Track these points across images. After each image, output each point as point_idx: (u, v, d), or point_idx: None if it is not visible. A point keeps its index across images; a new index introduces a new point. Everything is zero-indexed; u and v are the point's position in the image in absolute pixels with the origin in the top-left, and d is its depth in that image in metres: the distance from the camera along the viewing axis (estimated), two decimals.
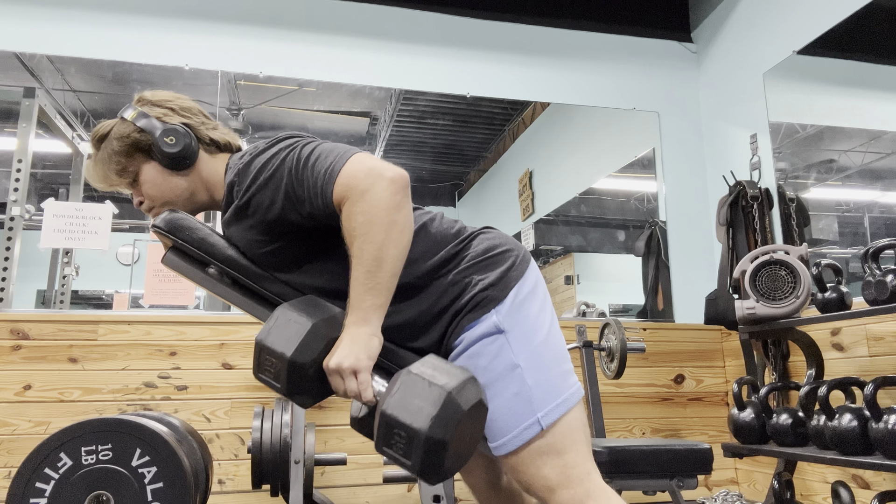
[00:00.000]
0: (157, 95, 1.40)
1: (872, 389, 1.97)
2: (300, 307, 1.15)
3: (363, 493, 2.92)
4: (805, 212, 3.06)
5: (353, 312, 1.12)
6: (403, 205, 1.14)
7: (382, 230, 1.11)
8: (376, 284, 1.12)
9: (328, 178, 1.14)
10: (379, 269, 1.11)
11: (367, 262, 1.11)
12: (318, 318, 1.13)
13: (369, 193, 1.11)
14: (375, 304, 1.12)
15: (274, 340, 1.11)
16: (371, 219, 1.11)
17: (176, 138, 1.34)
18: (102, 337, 2.81)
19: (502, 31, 3.67)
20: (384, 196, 1.11)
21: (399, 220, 1.12)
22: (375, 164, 1.15)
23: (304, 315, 1.13)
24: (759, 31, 3.36)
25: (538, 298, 1.26)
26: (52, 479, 1.77)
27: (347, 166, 1.14)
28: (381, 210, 1.11)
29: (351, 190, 1.12)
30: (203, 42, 3.26)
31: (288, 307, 1.15)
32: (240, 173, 1.23)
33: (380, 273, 1.11)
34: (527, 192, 4.37)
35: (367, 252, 1.11)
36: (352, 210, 1.12)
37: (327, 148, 1.19)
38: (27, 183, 2.93)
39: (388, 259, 1.11)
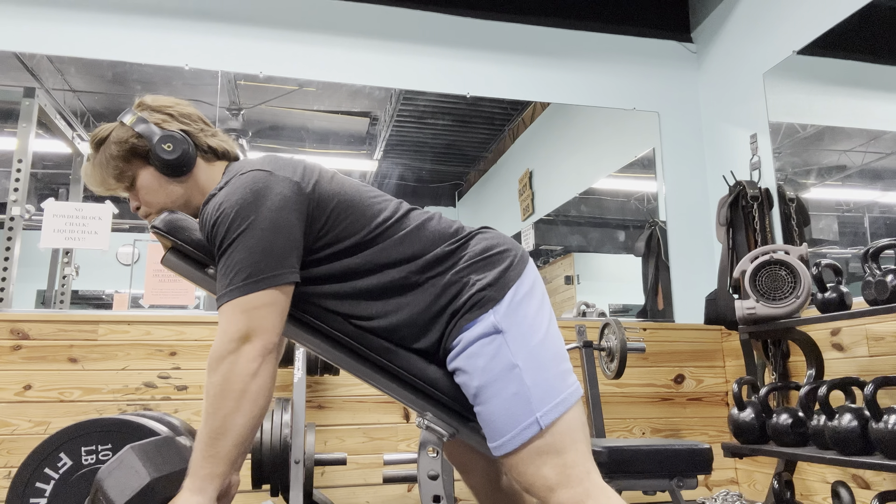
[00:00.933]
0: (158, 101, 1.40)
1: (872, 389, 1.97)
2: (148, 455, 1.18)
3: (363, 493, 2.92)
4: (805, 212, 3.06)
5: (190, 477, 1.13)
6: (262, 371, 1.14)
7: (232, 400, 1.11)
8: (216, 453, 1.12)
9: (219, 295, 1.16)
10: (222, 437, 1.11)
11: (211, 429, 1.12)
12: (157, 475, 1.15)
13: (225, 362, 1.12)
14: (213, 474, 1.12)
15: (110, 485, 1.13)
16: (224, 388, 1.12)
17: (174, 145, 1.34)
18: (102, 337, 2.81)
19: (502, 31, 3.67)
20: (243, 364, 1.12)
21: (252, 388, 1.12)
22: (248, 322, 1.14)
23: (147, 467, 1.15)
24: (759, 31, 3.36)
25: (536, 298, 1.26)
26: (52, 479, 1.77)
27: (228, 308, 1.15)
28: (238, 379, 1.12)
29: (216, 347, 1.13)
30: (203, 42, 3.26)
31: (136, 450, 1.18)
32: (214, 215, 1.23)
33: (221, 442, 1.12)
34: (527, 192, 4.37)
35: (213, 419, 1.12)
36: (210, 369, 1.14)
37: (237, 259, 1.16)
38: (27, 183, 2.93)
39: (233, 429, 1.12)
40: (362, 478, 2.94)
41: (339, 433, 2.95)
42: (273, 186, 1.20)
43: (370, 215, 1.27)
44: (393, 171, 4.35)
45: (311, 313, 1.28)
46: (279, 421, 2.40)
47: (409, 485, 2.97)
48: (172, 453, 1.19)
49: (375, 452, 2.96)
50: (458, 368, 1.22)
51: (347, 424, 2.96)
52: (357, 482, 2.93)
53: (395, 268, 1.25)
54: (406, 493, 2.98)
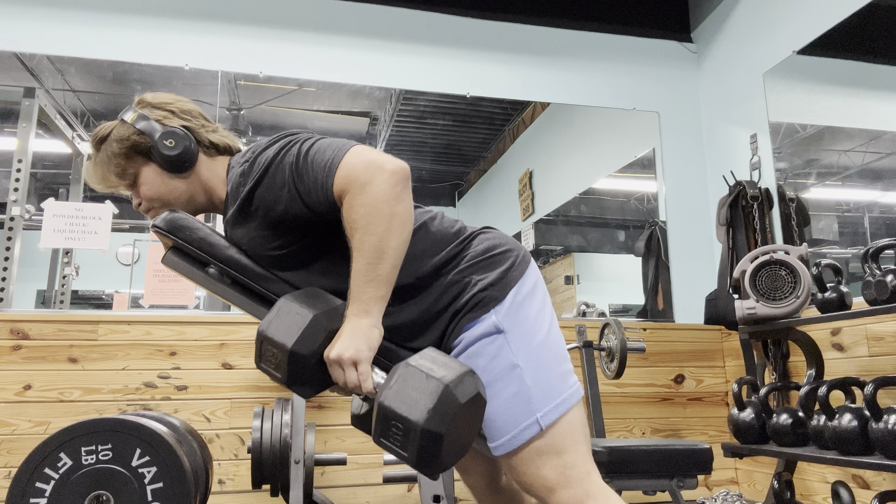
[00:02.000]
0: (158, 98, 1.40)
1: (872, 389, 1.97)
2: (302, 298, 1.16)
3: (363, 493, 2.93)
4: (805, 212, 3.06)
5: (354, 304, 1.13)
6: (404, 196, 1.14)
7: (383, 221, 1.11)
8: (377, 276, 1.12)
9: (328, 171, 1.15)
10: (380, 260, 1.11)
11: (368, 253, 1.11)
12: (319, 310, 1.13)
13: (370, 185, 1.11)
14: (376, 296, 1.12)
15: (275, 331, 1.11)
16: (372, 210, 1.11)
17: (175, 141, 1.34)
18: (102, 337, 2.81)
19: (502, 31, 3.67)
20: (384, 188, 1.11)
21: (400, 211, 1.12)
22: (375, 156, 1.15)
23: (306, 306, 1.13)
24: (759, 31, 3.36)
25: (538, 299, 1.26)
26: (52, 479, 1.77)
27: (347, 158, 1.14)
28: (382, 202, 1.11)
29: (351, 182, 1.12)
30: (203, 42, 3.26)
31: (290, 298, 1.16)
32: (243, 173, 1.23)
33: (381, 264, 1.11)
34: (527, 192, 4.37)
35: (368, 243, 1.11)
36: (353, 202, 1.12)
37: (327, 142, 1.20)
38: (27, 183, 2.93)
39: (389, 250, 1.12)
40: (362, 478, 2.94)
41: (339, 433, 2.95)
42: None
43: None
44: None
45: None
46: (279, 421, 2.40)
47: (409, 485, 2.97)
48: (323, 297, 1.18)
49: (375, 452, 2.96)
50: None
51: (347, 424, 2.96)
52: (357, 482, 2.93)
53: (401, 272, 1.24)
54: (406, 493, 2.98)
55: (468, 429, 1.10)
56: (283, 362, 1.10)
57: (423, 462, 1.03)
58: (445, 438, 1.03)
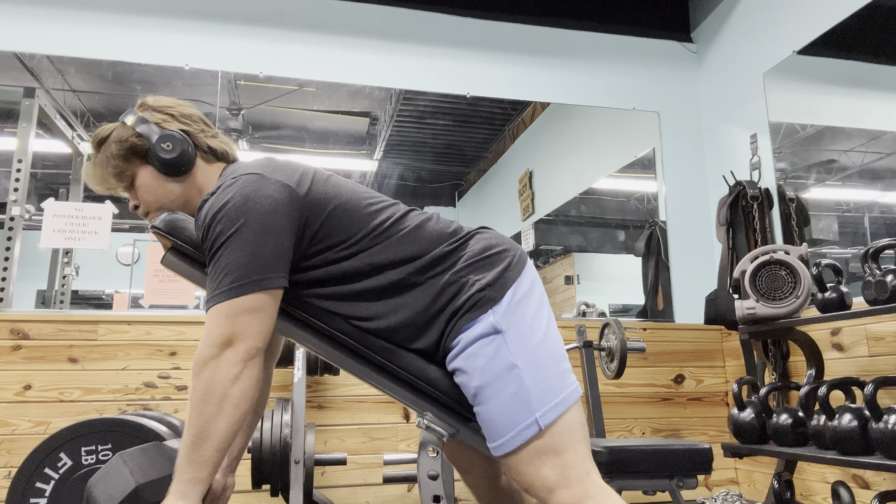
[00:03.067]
0: (159, 101, 1.41)
1: (872, 389, 1.97)
2: (135, 461, 1.20)
3: (363, 493, 2.93)
4: (805, 212, 3.06)
5: (175, 482, 1.14)
6: (244, 375, 1.14)
7: (214, 404, 1.12)
8: (198, 457, 1.12)
9: (208, 298, 1.17)
10: (204, 441, 1.12)
11: (193, 433, 1.13)
12: (144, 480, 1.17)
13: (208, 367, 1.13)
14: (196, 478, 1.13)
15: (99, 491, 1.17)
16: (206, 392, 1.12)
17: (173, 144, 1.34)
18: (102, 337, 2.81)
19: (502, 31, 3.67)
20: (225, 369, 1.12)
21: (234, 392, 1.13)
22: (233, 328, 1.14)
23: (133, 473, 1.18)
24: (759, 31, 3.36)
25: (535, 298, 1.26)
26: (52, 479, 1.77)
27: (215, 312, 1.15)
28: (218, 384, 1.12)
29: (199, 351, 1.14)
30: (203, 42, 3.27)
31: (125, 457, 1.20)
32: (206, 218, 1.22)
33: (204, 446, 1.12)
34: (527, 192, 4.37)
35: (195, 424, 1.12)
36: (195, 373, 1.14)
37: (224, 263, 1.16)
38: (27, 183, 2.94)
39: (215, 433, 1.12)
40: (362, 478, 2.94)
41: (339, 433, 2.95)
42: (264, 190, 1.20)
43: (367, 217, 1.27)
44: (393, 171, 4.35)
45: (310, 314, 1.28)
46: (279, 421, 2.40)
47: (409, 485, 2.97)
48: (161, 458, 1.21)
49: (375, 452, 2.96)
50: (457, 368, 1.22)
51: (347, 424, 2.96)
52: (357, 482, 2.93)
53: (393, 269, 1.25)
54: (406, 493, 2.98)
55: None
56: None
57: None
58: None
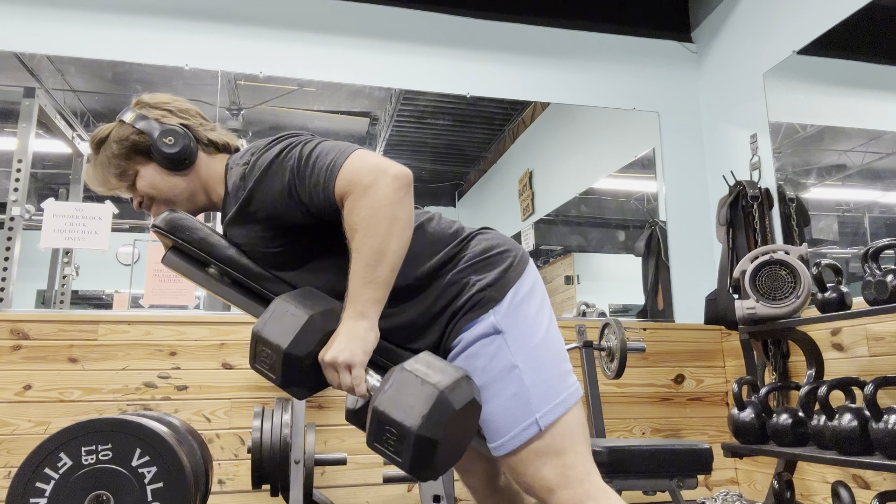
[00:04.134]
0: (155, 98, 1.41)
1: (872, 389, 1.97)
2: (298, 299, 1.15)
3: (363, 493, 2.93)
4: (805, 212, 3.06)
5: (351, 306, 1.13)
6: (406, 201, 1.14)
7: (384, 224, 1.11)
8: (375, 278, 1.12)
9: (330, 173, 1.15)
10: (379, 263, 1.11)
11: (367, 255, 1.11)
12: (314, 311, 1.13)
13: (372, 189, 1.12)
14: (374, 298, 1.12)
15: (270, 332, 1.11)
16: (373, 213, 1.11)
17: (175, 139, 1.34)
18: (102, 337, 2.81)
19: (502, 31, 3.67)
20: (387, 192, 1.12)
21: (401, 215, 1.13)
22: (378, 160, 1.15)
23: (301, 307, 1.13)
24: (759, 31, 3.36)
25: (536, 299, 1.26)
26: (52, 479, 1.77)
27: (350, 162, 1.15)
28: (384, 205, 1.11)
29: (353, 185, 1.13)
30: (203, 42, 3.26)
31: (285, 299, 1.15)
32: (243, 175, 1.24)
33: (380, 267, 1.12)
34: (527, 192, 4.37)
35: (368, 245, 1.11)
36: (354, 204, 1.12)
37: (329, 145, 1.20)
38: (27, 183, 2.93)
39: (388, 253, 1.12)
40: (362, 478, 2.94)
41: (339, 433, 2.95)
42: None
43: None
44: None
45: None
46: (279, 421, 2.40)
47: (409, 485, 2.97)
48: (319, 298, 1.17)
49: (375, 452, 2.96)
50: None
51: (347, 424, 2.94)
52: (357, 482, 2.93)
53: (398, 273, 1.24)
54: (406, 493, 2.98)
55: (463, 434, 1.09)
56: (278, 363, 1.10)
57: (417, 468, 1.03)
58: (440, 445, 1.02)
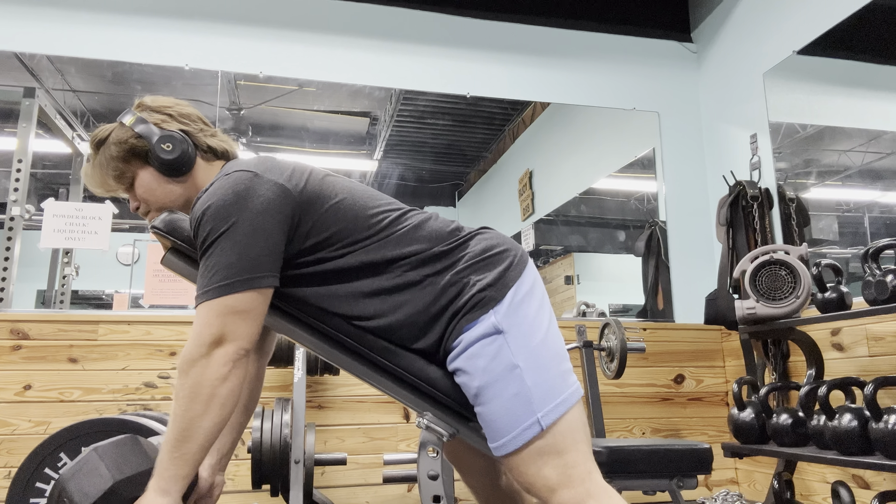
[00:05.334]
0: (157, 101, 1.40)
1: (872, 389, 1.97)
2: (110, 456, 1.17)
3: (363, 493, 2.92)
4: (805, 212, 3.06)
5: (156, 479, 1.13)
6: (232, 377, 1.14)
7: (201, 404, 1.12)
8: (182, 455, 1.12)
9: (197, 295, 1.16)
10: (188, 439, 1.12)
11: (177, 430, 1.12)
12: (121, 477, 1.15)
13: (197, 365, 1.13)
14: (178, 475, 1.13)
15: (74, 487, 1.14)
16: (192, 392, 1.12)
17: (173, 145, 1.34)
18: (102, 337, 2.81)
19: (502, 31, 3.67)
20: (214, 368, 1.13)
21: (222, 392, 1.13)
22: (222, 327, 1.14)
23: (110, 469, 1.15)
24: (759, 31, 3.36)
25: (536, 298, 1.26)
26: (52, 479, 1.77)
27: (204, 309, 1.14)
28: (207, 384, 1.12)
29: (187, 349, 1.14)
30: (203, 42, 3.26)
31: (99, 452, 1.18)
32: (194, 222, 1.22)
33: (188, 444, 1.12)
34: (527, 192, 4.37)
35: (181, 420, 1.12)
36: (180, 371, 1.14)
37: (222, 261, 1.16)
38: (27, 183, 2.93)
39: (200, 431, 1.12)
40: (362, 478, 2.94)
41: (339, 433, 2.95)
42: (257, 188, 1.19)
43: (364, 216, 1.27)
44: (393, 171, 4.35)
45: (309, 313, 1.28)
46: (279, 421, 2.40)
47: (409, 485, 2.97)
48: (137, 454, 1.19)
49: (375, 452, 2.96)
50: (458, 369, 1.22)
51: (347, 424, 2.96)
52: (357, 482, 2.93)
53: (391, 266, 1.25)
54: (406, 493, 2.98)
55: None
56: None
57: None
58: None
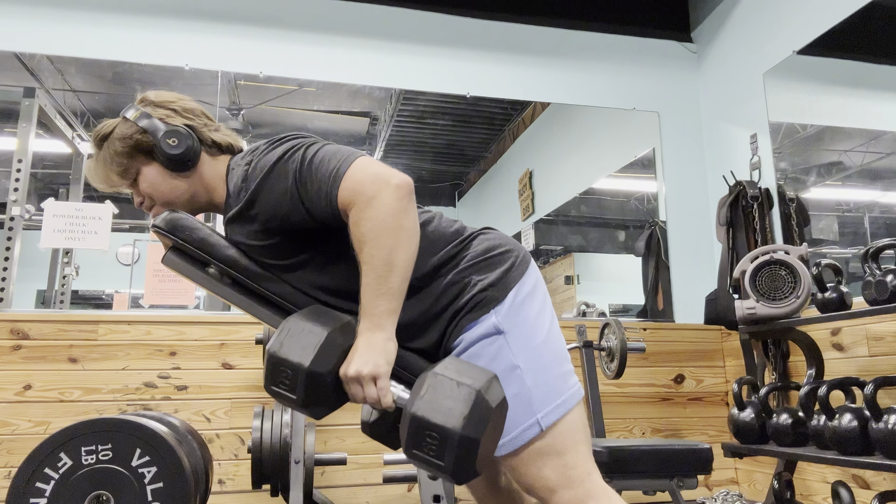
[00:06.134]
0: (161, 96, 1.40)
1: (872, 389, 1.97)
2: (312, 316, 1.14)
3: (363, 493, 2.93)
4: (805, 212, 3.06)
5: (367, 318, 1.12)
6: (410, 210, 1.14)
7: (392, 235, 1.11)
8: (388, 289, 1.12)
9: (333, 181, 1.14)
10: (390, 273, 1.11)
11: (377, 267, 1.11)
12: (332, 327, 1.12)
13: (376, 199, 1.12)
14: (389, 309, 1.12)
15: (289, 351, 1.08)
16: (380, 224, 1.11)
17: (178, 140, 1.33)
18: (102, 337, 2.81)
19: (502, 31, 3.67)
20: (391, 201, 1.12)
21: (407, 224, 1.13)
22: (381, 169, 1.15)
23: (318, 324, 1.12)
24: (759, 31, 3.36)
25: (538, 299, 1.26)
26: (52, 479, 1.77)
27: (352, 171, 1.14)
28: (390, 215, 1.11)
29: (357, 195, 1.12)
30: (203, 42, 3.26)
31: (298, 317, 1.14)
32: (245, 177, 1.23)
33: (391, 278, 1.11)
34: (527, 192, 4.37)
35: (378, 257, 1.11)
36: (360, 216, 1.12)
37: (331, 150, 1.19)
38: (27, 183, 2.93)
39: (398, 263, 1.12)
40: (362, 478, 2.94)
41: (339, 433, 2.95)
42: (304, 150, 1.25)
43: None
44: None
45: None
46: (279, 421, 2.40)
47: (409, 485, 2.97)
48: (330, 314, 1.16)
49: (375, 452, 2.96)
50: None
51: (347, 424, 2.96)
52: (357, 482, 2.93)
53: None
54: (406, 493, 2.98)
55: (495, 432, 1.09)
56: (300, 383, 1.07)
57: (459, 469, 1.02)
58: (481, 444, 1.02)
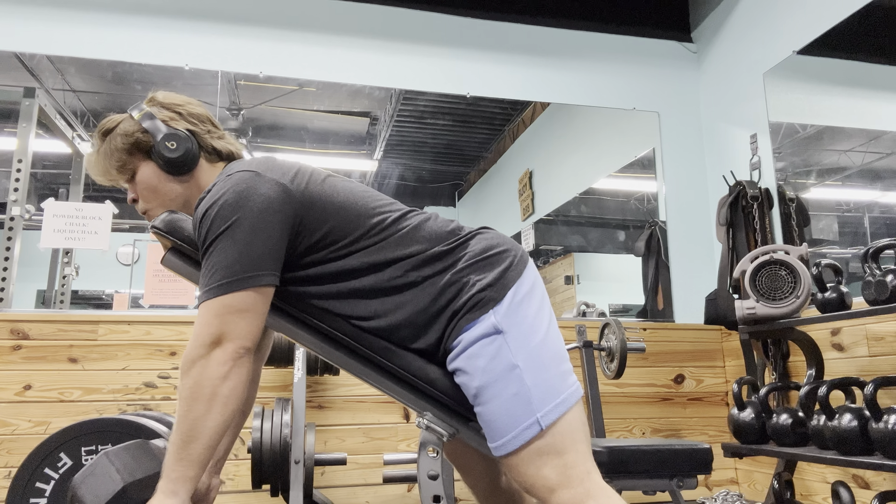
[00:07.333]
0: (169, 98, 1.41)
1: (872, 389, 1.97)
2: (121, 460, 1.19)
3: (363, 493, 2.93)
4: (805, 212, 3.06)
5: (164, 481, 1.13)
6: (233, 375, 1.14)
7: (204, 404, 1.12)
8: (188, 455, 1.12)
9: (204, 293, 1.16)
10: (193, 441, 1.12)
11: (183, 432, 1.12)
12: (131, 480, 1.17)
13: (199, 364, 1.12)
14: (186, 476, 1.12)
15: (84, 493, 1.15)
16: (194, 393, 1.12)
17: (177, 144, 1.34)
18: (102, 337, 2.81)
19: (502, 31, 3.67)
20: (213, 369, 1.12)
21: (223, 392, 1.13)
22: (222, 325, 1.14)
23: (120, 472, 1.17)
24: (759, 31, 3.36)
25: (536, 298, 1.26)
26: (52, 479, 1.77)
27: (212, 305, 1.14)
28: (207, 385, 1.12)
29: (190, 348, 1.13)
30: (203, 42, 3.26)
31: (110, 456, 1.19)
32: (196, 221, 1.23)
33: (193, 445, 1.12)
34: (527, 192, 4.37)
35: (186, 422, 1.12)
36: (182, 372, 1.14)
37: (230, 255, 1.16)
38: (27, 183, 2.93)
39: (204, 433, 1.12)
40: (362, 478, 2.94)
41: (339, 433, 2.95)
42: (258, 188, 1.19)
43: (365, 216, 1.27)
44: (393, 171, 4.35)
45: (310, 313, 1.28)
46: (279, 421, 2.40)
47: (409, 485, 2.97)
48: (146, 457, 1.21)
49: (375, 452, 2.96)
50: (458, 369, 1.22)
51: (347, 424, 2.96)
52: (357, 482, 2.93)
53: (391, 266, 1.25)
54: (406, 493, 2.98)
55: None
56: None
57: None
58: None
